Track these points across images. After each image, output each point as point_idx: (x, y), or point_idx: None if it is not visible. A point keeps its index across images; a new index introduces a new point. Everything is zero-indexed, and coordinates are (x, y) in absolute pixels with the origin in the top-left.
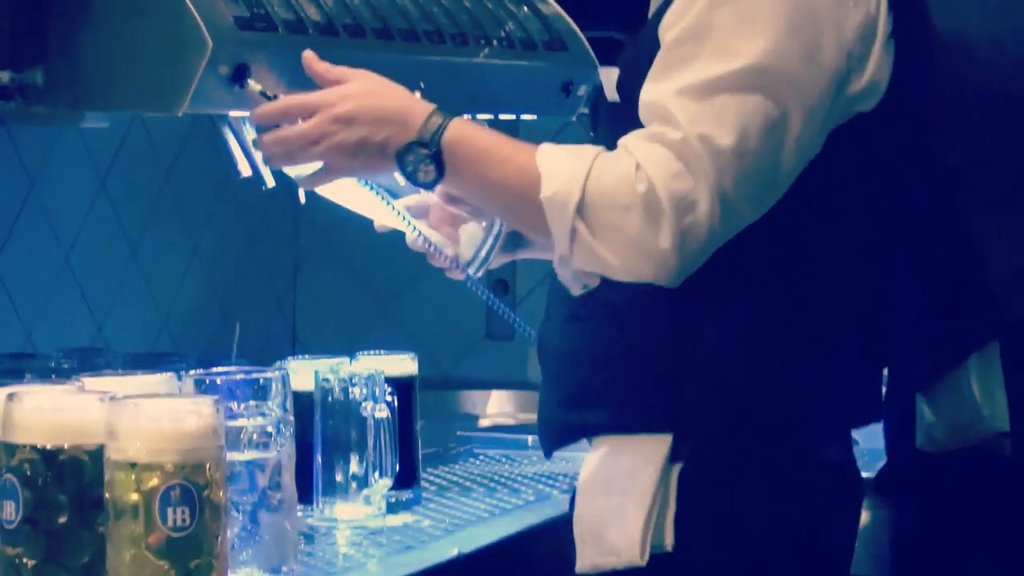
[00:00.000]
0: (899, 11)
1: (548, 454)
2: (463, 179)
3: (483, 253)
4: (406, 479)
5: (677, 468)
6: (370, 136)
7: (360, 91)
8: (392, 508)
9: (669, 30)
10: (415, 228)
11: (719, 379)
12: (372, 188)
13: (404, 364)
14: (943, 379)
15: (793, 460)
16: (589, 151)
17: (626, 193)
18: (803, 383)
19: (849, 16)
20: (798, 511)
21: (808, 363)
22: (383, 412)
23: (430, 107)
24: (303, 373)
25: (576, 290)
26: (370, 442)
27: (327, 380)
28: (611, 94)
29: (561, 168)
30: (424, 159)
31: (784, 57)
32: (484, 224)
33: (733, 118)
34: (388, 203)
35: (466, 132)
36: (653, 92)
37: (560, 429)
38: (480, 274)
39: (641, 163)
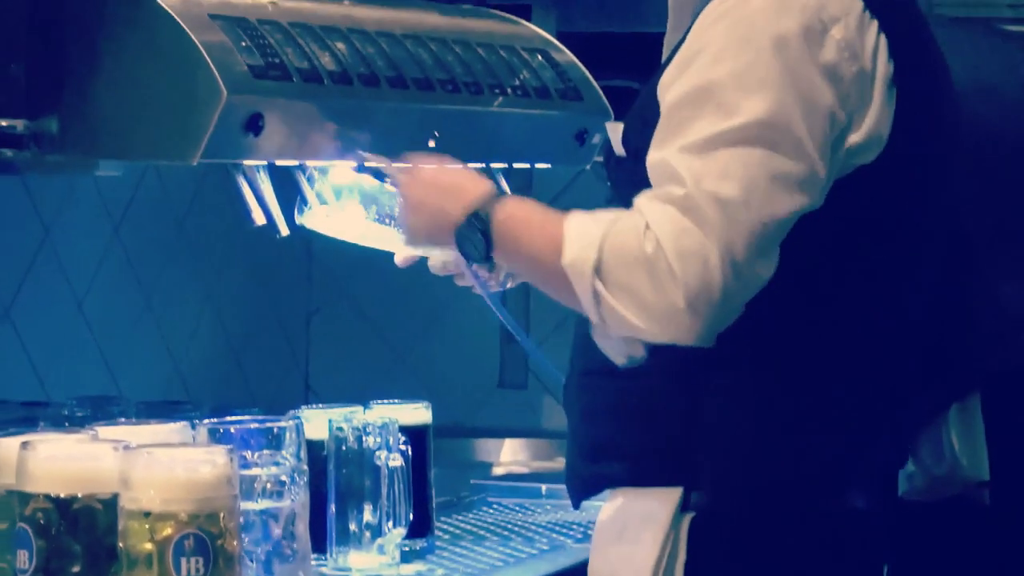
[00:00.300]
0: (901, 58)
1: (575, 505)
2: (505, 252)
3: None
4: (420, 528)
5: (689, 517)
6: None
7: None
8: (406, 557)
9: (668, 89)
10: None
11: (731, 434)
12: (388, 222)
13: (418, 413)
14: (923, 429)
15: (804, 511)
16: (610, 215)
17: (636, 253)
18: (814, 437)
19: (844, 70)
20: (808, 560)
21: (819, 416)
22: (397, 461)
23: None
24: (317, 422)
25: (620, 360)
26: (384, 491)
27: (340, 429)
28: (618, 148)
29: (582, 233)
30: (475, 232)
31: (784, 112)
32: None
33: (738, 171)
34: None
35: (512, 207)
36: (658, 154)
37: (582, 481)
38: (509, 285)
39: (650, 223)
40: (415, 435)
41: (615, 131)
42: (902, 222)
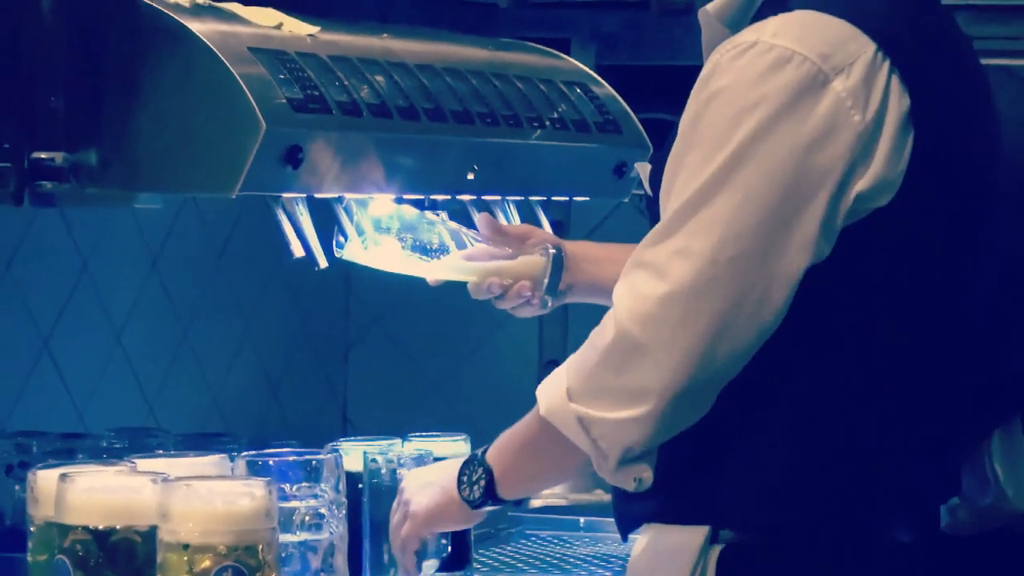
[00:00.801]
0: (919, 94)
1: (623, 538)
2: (509, 475)
3: (546, 280)
4: (459, 561)
5: (717, 549)
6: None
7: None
8: None
9: (667, 194)
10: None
11: (761, 471)
12: (423, 253)
13: (456, 445)
14: (965, 458)
15: (843, 546)
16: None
17: (593, 348)
18: (852, 470)
19: (843, 121)
20: None
21: (857, 448)
22: None
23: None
24: (355, 454)
25: (631, 486)
26: None
27: (375, 461)
28: (647, 188)
29: (548, 381)
30: (477, 472)
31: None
32: (540, 254)
33: (709, 227)
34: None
35: (498, 442)
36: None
37: (620, 515)
38: (550, 305)
39: (614, 306)
40: None
41: (644, 171)
42: (936, 255)
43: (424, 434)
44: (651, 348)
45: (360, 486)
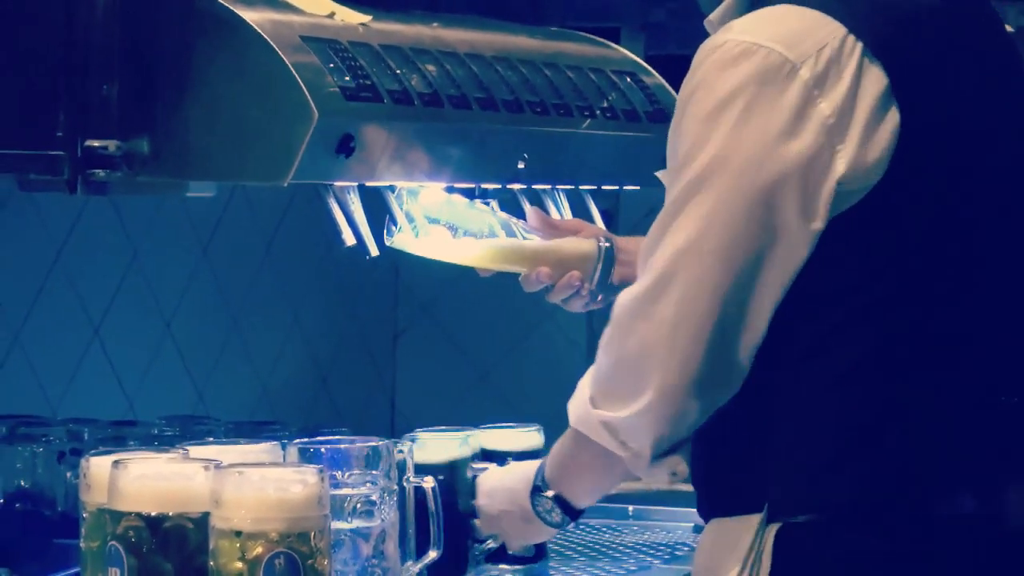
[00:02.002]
0: (898, 71)
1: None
2: (574, 492)
3: (597, 276)
4: (539, 551)
5: (774, 528)
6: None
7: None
8: None
9: (669, 187)
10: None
11: (809, 449)
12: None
13: (530, 437)
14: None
15: (891, 517)
16: None
17: (605, 353)
18: (906, 440)
19: (812, 110)
20: (899, 566)
21: (901, 419)
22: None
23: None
24: (433, 446)
25: (667, 480)
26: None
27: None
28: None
29: (574, 394)
30: (548, 504)
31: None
32: (592, 242)
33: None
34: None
35: (552, 455)
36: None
37: (698, 507)
38: (600, 300)
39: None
40: (528, 459)
41: (666, 179)
42: (939, 226)
43: (496, 425)
44: (651, 341)
45: (441, 477)
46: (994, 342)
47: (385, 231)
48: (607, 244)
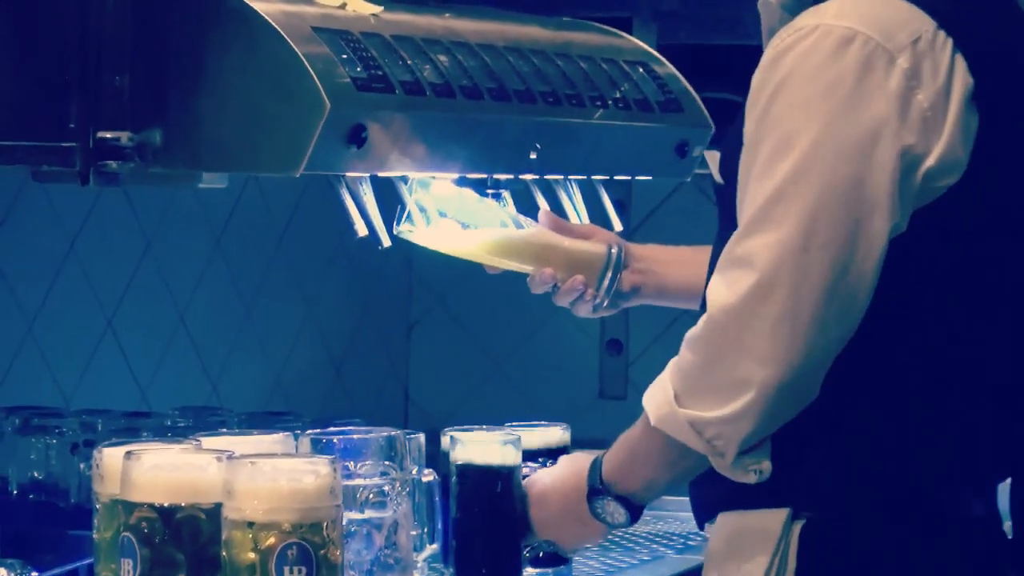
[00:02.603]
0: (982, 74)
1: (699, 526)
2: (638, 489)
3: (606, 283)
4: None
5: (799, 525)
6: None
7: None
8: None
9: (744, 184)
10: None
11: (838, 452)
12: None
13: (558, 435)
14: None
15: (920, 519)
16: None
17: (689, 347)
18: (925, 446)
19: (911, 99)
20: (925, 569)
21: (930, 426)
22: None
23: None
24: (473, 446)
25: (752, 479)
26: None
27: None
28: (717, 176)
29: (652, 390)
30: (610, 505)
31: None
32: (600, 252)
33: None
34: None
35: (613, 455)
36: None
37: (696, 503)
38: (606, 307)
39: (709, 302)
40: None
41: (713, 159)
42: (1009, 233)
43: (523, 424)
44: (749, 340)
45: (495, 481)
46: (1018, 357)
47: (395, 221)
48: (617, 250)
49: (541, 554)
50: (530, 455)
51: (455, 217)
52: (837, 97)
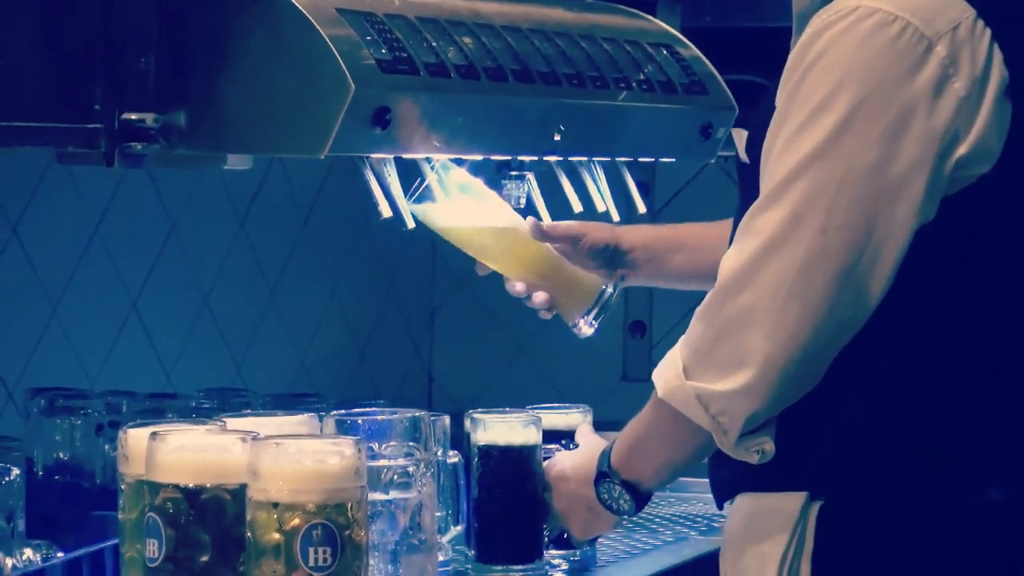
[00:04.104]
0: (1017, 68)
1: (718, 506)
2: (645, 475)
3: (591, 316)
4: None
5: (816, 506)
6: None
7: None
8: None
9: (769, 156)
10: None
11: (856, 437)
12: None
13: (579, 417)
14: None
15: (936, 505)
16: None
17: (700, 319)
18: (944, 433)
19: (947, 87)
20: (942, 554)
21: (948, 413)
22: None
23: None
24: (496, 428)
25: (754, 459)
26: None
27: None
28: (743, 155)
29: (662, 365)
30: (616, 490)
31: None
32: (601, 283)
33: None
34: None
35: (621, 439)
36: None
37: (715, 484)
38: (588, 332)
39: (721, 272)
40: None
41: (740, 138)
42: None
43: (545, 406)
44: (758, 313)
45: (516, 461)
46: None
47: (413, 196)
48: (612, 290)
49: (565, 535)
50: (552, 437)
51: (472, 200)
52: (870, 79)
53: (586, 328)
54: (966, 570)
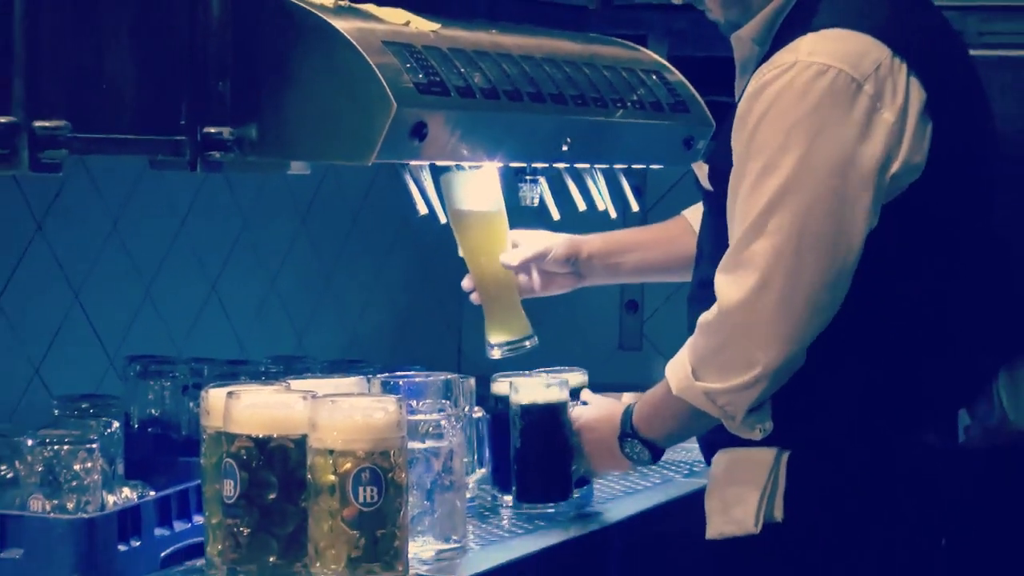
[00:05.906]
0: (932, 89)
1: (707, 462)
2: (661, 436)
3: (505, 349)
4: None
5: (787, 455)
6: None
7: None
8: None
9: (734, 201)
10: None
11: (820, 398)
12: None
13: (579, 378)
14: (979, 387)
15: (883, 446)
16: None
17: (703, 329)
18: (889, 392)
19: (877, 117)
20: (887, 488)
21: (892, 375)
22: (478, 413)
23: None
24: (530, 388)
25: (757, 435)
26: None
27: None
28: (705, 184)
29: (673, 363)
30: (637, 447)
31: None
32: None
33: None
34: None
35: (641, 407)
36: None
37: (704, 445)
38: (496, 357)
39: (719, 297)
40: (576, 395)
41: (701, 170)
42: (956, 220)
43: (550, 369)
44: (755, 327)
45: (549, 415)
46: (969, 318)
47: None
48: (532, 344)
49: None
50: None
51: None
52: (815, 123)
53: (496, 353)
54: (908, 500)
